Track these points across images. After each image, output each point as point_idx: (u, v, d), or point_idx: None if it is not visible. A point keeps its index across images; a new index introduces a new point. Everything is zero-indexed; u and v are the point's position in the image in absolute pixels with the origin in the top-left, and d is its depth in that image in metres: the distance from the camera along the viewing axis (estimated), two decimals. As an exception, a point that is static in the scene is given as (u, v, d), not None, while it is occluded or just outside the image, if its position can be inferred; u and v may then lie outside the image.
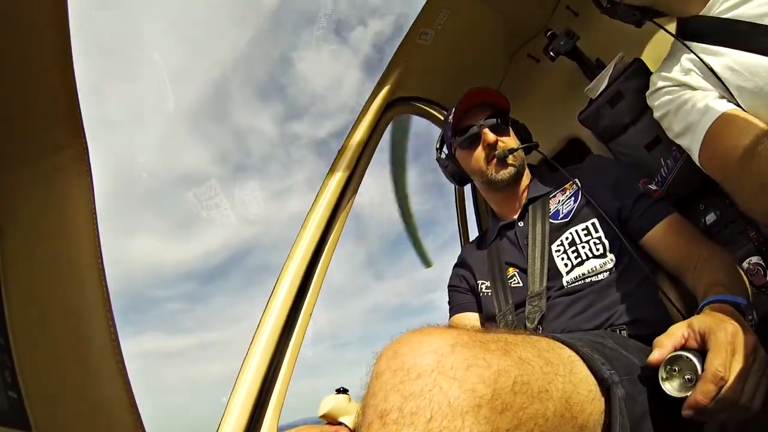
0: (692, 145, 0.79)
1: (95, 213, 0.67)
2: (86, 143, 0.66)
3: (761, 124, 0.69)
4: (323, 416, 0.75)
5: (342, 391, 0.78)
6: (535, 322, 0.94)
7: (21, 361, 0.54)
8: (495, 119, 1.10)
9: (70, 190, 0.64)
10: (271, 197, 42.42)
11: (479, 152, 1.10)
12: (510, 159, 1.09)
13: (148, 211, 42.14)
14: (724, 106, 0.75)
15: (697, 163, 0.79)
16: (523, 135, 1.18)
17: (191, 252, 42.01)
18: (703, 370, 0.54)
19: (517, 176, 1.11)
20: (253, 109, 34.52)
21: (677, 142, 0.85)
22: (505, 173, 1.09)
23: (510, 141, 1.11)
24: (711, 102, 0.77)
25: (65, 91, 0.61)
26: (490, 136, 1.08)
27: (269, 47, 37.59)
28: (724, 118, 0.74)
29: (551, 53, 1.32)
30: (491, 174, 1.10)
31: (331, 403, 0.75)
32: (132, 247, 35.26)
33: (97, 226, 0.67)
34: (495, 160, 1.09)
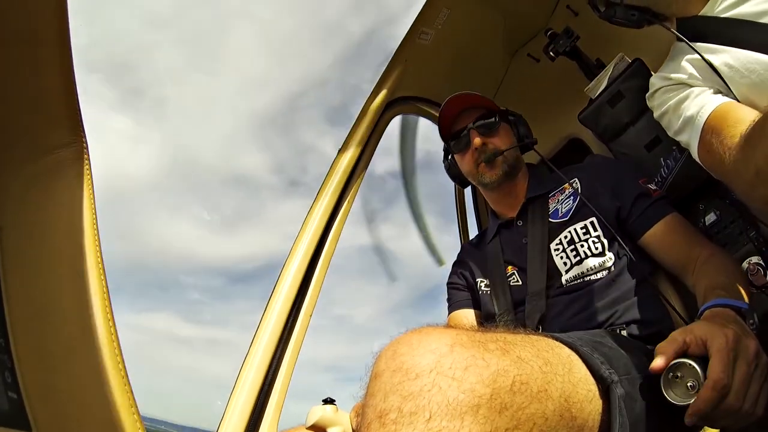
0: (691, 140, 0.79)
1: (95, 211, 0.66)
2: (86, 141, 0.66)
3: (754, 113, 0.69)
4: (311, 427, 0.75)
5: (329, 401, 0.78)
6: (535, 322, 0.94)
7: (21, 362, 0.54)
8: (483, 120, 1.11)
9: (70, 188, 0.64)
10: (316, 219, 37.86)
11: (469, 155, 1.13)
12: (499, 159, 1.09)
13: (197, 198, 40.30)
14: (720, 100, 0.75)
15: (697, 159, 0.80)
16: (522, 130, 1.16)
17: (228, 251, 39.85)
18: (705, 378, 0.53)
19: (508, 176, 1.11)
20: (319, 130, 32.79)
21: (677, 139, 0.85)
22: (493, 175, 1.10)
23: (499, 141, 1.11)
24: (707, 97, 0.77)
25: (65, 88, 0.61)
26: (477, 140, 1.10)
27: (346, 75, 34.77)
28: (719, 111, 0.74)
29: (551, 53, 1.32)
30: (480, 176, 1.12)
31: (318, 413, 0.75)
32: (172, 228, 34.18)
33: (97, 225, 0.66)
34: (483, 163, 1.10)
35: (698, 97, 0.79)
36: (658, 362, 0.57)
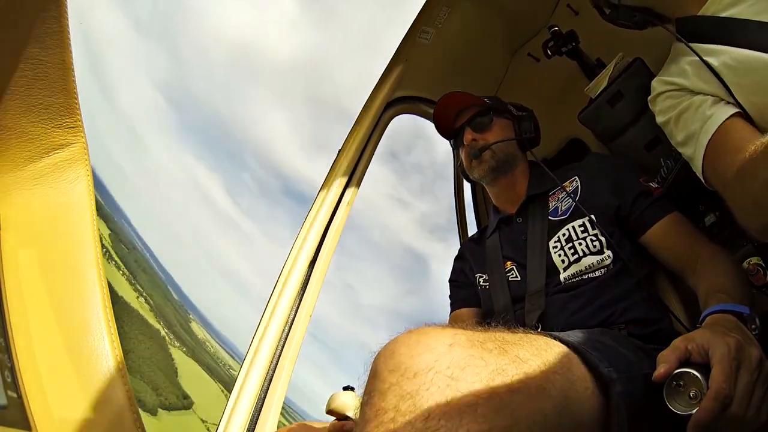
0: (694, 157, 0.79)
1: (95, 212, 0.67)
2: (86, 142, 0.66)
3: (756, 142, 0.68)
4: (330, 411, 0.78)
5: (349, 388, 0.81)
6: (534, 320, 0.95)
7: (21, 361, 0.54)
8: (477, 118, 1.14)
9: (70, 189, 0.64)
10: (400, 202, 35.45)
11: (464, 152, 1.16)
12: (486, 154, 1.10)
13: (307, 110, 37.79)
14: (723, 114, 0.75)
15: (700, 176, 0.80)
16: (524, 127, 1.16)
17: (300, 167, 36.66)
18: (707, 387, 0.53)
19: (496, 171, 1.12)
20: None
21: (679, 150, 0.85)
22: (480, 169, 1.12)
23: (491, 137, 1.12)
24: (709, 110, 0.77)
25: (65, 90, 0.61)
26: (467, 136, 1.12)
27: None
28: (722, 132, 0.74)
29: (548, 51, 1.31)
30: (471, 171, 1.15)
31: (338, 398, 0.78)
32: (268, 117, 32.20)
33: (97, 225, 0.66)
34: (473, 159, 1.12)
35: (699, 109, 0.78)
36: (660, 371, 0.57)
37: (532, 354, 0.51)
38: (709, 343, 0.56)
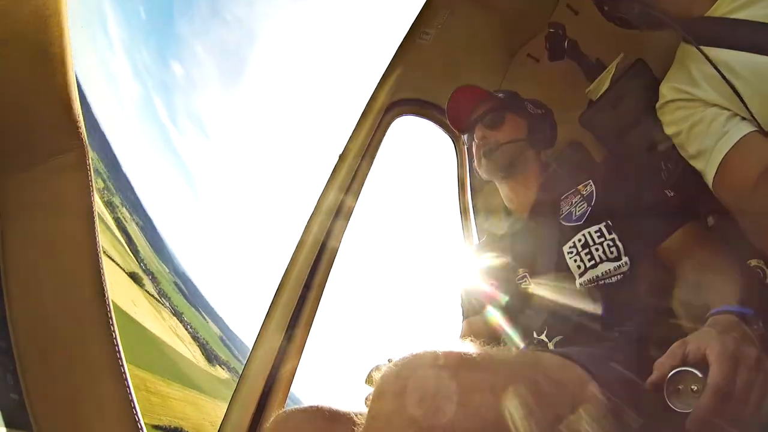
0: (707, 171, 0.77)
1: (94, 214, 0.67)
2: (86, 146, 0.67)
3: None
4: (369, 381, 0.78)
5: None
6: (540, 323, 0.94)
7: (23, 364, 0.55)
8: (490, 114, 1.11)
9: (70, 192, 0.65)
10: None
11: (476, 149, 1.14)
12: (497, 152, 1.08)
13: None
14: (738, 133, 0.73)
15: (711, 187, 0.78)
16: (538, 126, 1.13)
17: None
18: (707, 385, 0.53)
19: (504, 170, 1.10)
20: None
21: (690, 162, 0.83)
22: (488, 167, 1.10)
23: (502, 135, 1.10)
24: (724, 126, 0.74)
25: (65, 95, 0.62)
26: (478, 133, 1.10)
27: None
28: (736, 151, 0.72)
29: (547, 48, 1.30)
30: (480, 168, 1.13)
31: (380, 371, 0.79)
32: None
33: (96, 227, 0.67)
34: (483, 157, 1.10)
35: (713, 124, 0.76)
36: (652, 378, 0.57)
37: (544, 377, 0.50)
38: (706, 342, 0.56)
